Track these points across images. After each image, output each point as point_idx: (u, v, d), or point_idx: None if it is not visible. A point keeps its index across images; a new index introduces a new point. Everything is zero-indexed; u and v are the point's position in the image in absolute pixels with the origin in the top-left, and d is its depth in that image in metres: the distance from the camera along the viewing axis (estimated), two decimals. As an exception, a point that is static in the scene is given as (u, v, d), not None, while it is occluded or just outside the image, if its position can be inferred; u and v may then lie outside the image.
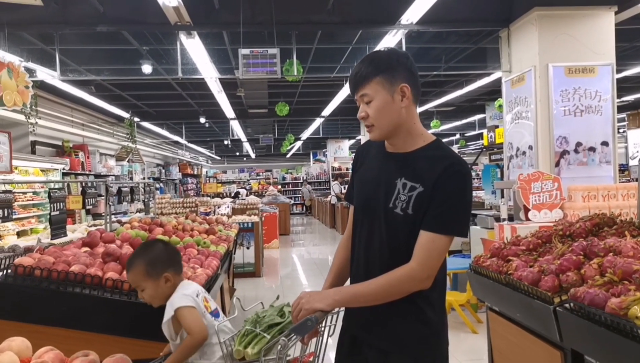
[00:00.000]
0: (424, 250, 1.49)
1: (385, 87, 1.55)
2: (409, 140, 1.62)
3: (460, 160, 1.57)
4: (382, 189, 1.60)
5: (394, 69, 1.56)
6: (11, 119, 8.33)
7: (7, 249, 3.28)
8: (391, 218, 1.56)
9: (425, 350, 1.58)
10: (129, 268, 1.97)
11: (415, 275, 1.49)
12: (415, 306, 1.56)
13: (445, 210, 1.50)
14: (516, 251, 2.96)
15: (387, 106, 1.56)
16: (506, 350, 3.03)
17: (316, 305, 1.46)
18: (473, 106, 13.45)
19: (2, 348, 1.38)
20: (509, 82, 6.17)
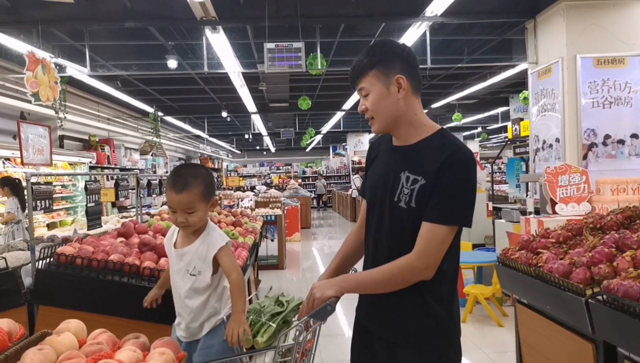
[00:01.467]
0: (422, 240, 1.49)
1: (380, 80, 1.55)
2: (412, 132, 1.60)
3: (462, 148, 1.54)
4: (389, 183, 1.60)
5: (388, 60, 1.55)
6: (41, 114, 8.55)
7: (46, 239, 3.40)
8: (396, 212, 1.57)
9: (430, 343, 1.57)
10: (186, 187, 1.80)
11: (413, 265, 1.49)
12: (421, 299, 1.55)
13: (445, 200, 1.48)
14: (546, 243, 2.95)
15: (383, 98, 1.56)
16: (534, 343, 3.03)
17: (328, 292, 1.52)
18: (496, 98, 13.28)
19: (60, 330, 1.46)
20: (535, 74, 6.09)
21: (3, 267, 2.69)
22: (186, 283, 1.90)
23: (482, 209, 8.66)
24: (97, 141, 11.61)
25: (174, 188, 1.80)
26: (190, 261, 1.89)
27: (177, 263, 1.92)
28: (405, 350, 1.58)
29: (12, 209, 6.12)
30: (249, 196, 9.95)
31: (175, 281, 1.94)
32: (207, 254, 1.89)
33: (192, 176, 1.83)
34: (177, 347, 1.48)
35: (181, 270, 1.91)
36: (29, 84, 5.40)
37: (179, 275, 1.92)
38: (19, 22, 5.88)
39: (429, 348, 1.57)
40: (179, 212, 1.82)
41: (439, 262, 1.50)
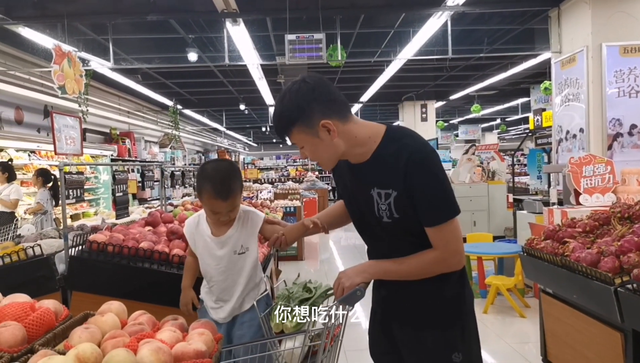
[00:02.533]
0: (441, 241, 1.53)
1: (307, 133, 1.50)
2: (361, 150, 1.56)
3: (414, 145, 1.51)
4: (364, 203, 1.61)
5: (303, 112, 1.47)
6: (64, 107, 8.71)
7: (76, 227, 3.49)
8: (385, 225, 1.58)
9: (453, 320, 1.62)
10: (230, 193, 1.87)
11: (444, 260, 1.55)
12: (438, 281, 1.60)
13: (431, 203, 1.50)
14: (572, 233, 2.94)
15: (318, 146, 1.52)
16: (560, 332, 3.02)
17: (356, 279, 1.56)
18: (516, 89, 13.09)
19: (103, 311, 1.51)
20: (559, 63, 6.00)
21: (38, 254, 2.77)
22: (235, 264, 1.98)
23: (502, 201, 8.60)
24: (118, 134, 11.79)
25: (219, 196, 1.86)
26: (236, 243, 1.97)
27: (220, 249, 1.99)
28: (429, 333, 1.62)
29: (42, 200, 6.27)
30: (267, 188, 10.02)
31: (219, 266, 1.99)
32: (253, 229, 2.01)
33: (231, 179, 1.90)
34: (214, 328, 1.52)
35: (226, 254, 1.98)
36: (56, 77, 5.51)
37: (223, 260, 1.98)
38: (44, 16, 5.99)
39: (452, 326, 1.62)
40: (224, 213, 1.92)
41: (462, 249, 1.57)
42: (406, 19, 7.15)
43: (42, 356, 1.17)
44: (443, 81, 11.87)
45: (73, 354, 1.17)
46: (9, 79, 7.30)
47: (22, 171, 8.05)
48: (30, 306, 1.44)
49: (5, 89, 7.22)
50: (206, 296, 2.10)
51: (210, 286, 2.04)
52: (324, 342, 1.47)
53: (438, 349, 1.61)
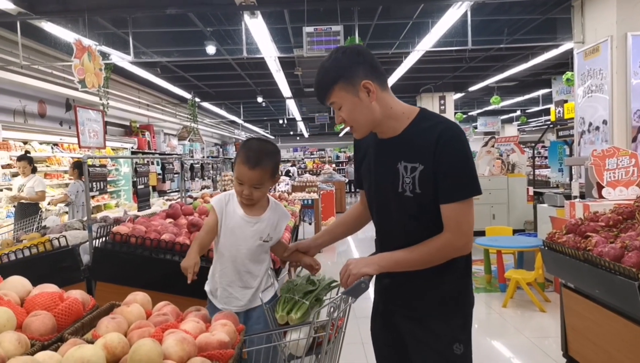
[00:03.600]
0: (453, 221, 1.55)
1: (348, 91, 1.55)
2: (393, 124, 1.62)
3: (448, 123, 1.58)
4: (388, 176, 1.63)
5: (349, 70, 1.55)
6: (85, 101, 8.86)
7: (99, 219, 3.56)
8: (404, 201, 1.60)
9: (455, 312, 1.66)
10: (259, 163, 1.82)
11: (454, 244, 1.58)
12: (445, 273, 1.63)
13: (454, 179, 1.54)
14: (595, 227, 2.89)
15: (356, 107, 1.57)
16: (581, 327, 2.99)
17: (364, 269, 1.58)
18: (537, 80, 12.86)
19: (129, 301, 1.54)
20: (582, 53, 5.87)
21: (64, 245, 2.83)
22: (259, 250, 1.95)
23: (522, 194, 8.51)
24: (138, 126, 11.94)
25: (247, 163, 1.82)
26: (264, 229, 1.94)
27: (251, 230, 1.93)
28: (433, 323, 1.65)
29: (72, 192, 6.39)
30: (285, 180, 10.06)
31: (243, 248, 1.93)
32: (280, 223, 1.99)
33: (265, 153, 1.85)
34: (236, 319, 1.55)
35: (255, 238, 1.93)
36: (77, 71, 5.60)
37: (250, 243, 1.92)
38: (66, 11, 6.08)
39: (455, 316, 1.66)
40: (247, 186, 1.85)
41: (472, 234, 1.60)
42: (425, 10, 7.06)
43: (72, 345, 1.20)
44: (462, 72, 11.72)
45: (101, 343, 1.21)
46: (33, 73, 7.44)
47: (46, 163, 8.23)
48: (59, 296, 1.48)
49: (29, 83, 7.37)
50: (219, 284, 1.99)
51: (225, 267, 1.95)
52: (329, 333, 1.49)
53: (441, 340, 1.63)
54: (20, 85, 7.42)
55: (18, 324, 1.32)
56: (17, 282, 1.57)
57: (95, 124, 5.55)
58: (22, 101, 7.97)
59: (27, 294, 1.53)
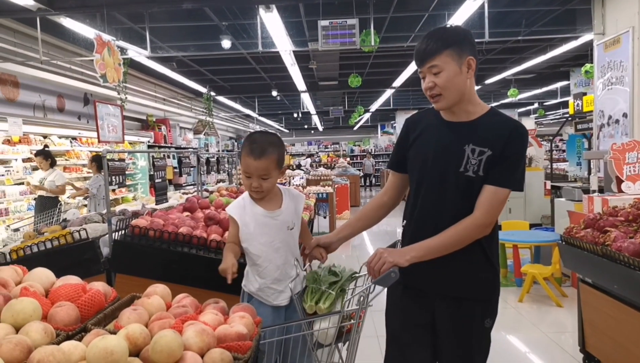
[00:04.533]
0: (487, 201, 1.68)
1: (454, 59, 1.69)
2: (471, 109, 1.77)
3: (521, 123, 1.75)
4: (451, 155, 1.74)
5: (462, 42, 1.70)
6: (103, 95, 8.98)
7: (118, 212, 3.62)
8: (463, 181, 1.71)
9: (490, 294, 1.81)
10: (263, 153, 1.85)
11: (479, 223, 1.68)
12: (482, 256, 1.76)
13: (509, 167, 1.69)
14: (614, 222, 2.86)
15: (456, 76, 1.69)
16: (599, 323, 2.96)
17: (398, 260, 1.65)
18: (555, 72, 12.66)
19: (149, 293, 1.58)
20: (602, 45, 5.77)
21: (84, 238, 2.89)
22: (289, 240, 1.95)
23: (539, 188, 8.40)
24: (154, 121, 12.06)
25: (252, 154, 1.85)
26: (287, 218, 1.95)
27: (275, 224, 1.93)
28: (469, 304, 1.77)
29: (93, 186, 6.50)
30: (299, 174, 10.09)
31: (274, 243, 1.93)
32: (297, 207, 2.02)
33: (268, 143, 1.88)
34: (254, 311, 1.57)
35: (281, 230, 1.94)
36: (98, 66, 5.67)
37: (279, 236, 1.93)
38: (85, 6, 6.15)
39: (489, 298, 1.80)
40: (254, 177, 1.87)
41: (496, 219, 1.72)
42: (441, 2, 6.99)
43: (95, 335, 1.24)
44: (479, 64, 11.46)
45: (123, 334, 1.24)
46: (52, 68, 7.56)
47: (65, 157, 8.37)
48: (82, 287, 1.52)
49: (49, 78, 7.49)
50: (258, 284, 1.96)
51: (264, 267, 1.93)
52: (358, 321, 1.51)
53: (475, 317, 1.77)
54: (40, 80, 7.55)
55: (43, 314, 1.35)
56: (42, 274, 1.61)
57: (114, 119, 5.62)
58: (41, 95, 8.11)
59: (51, 285, 1.58)
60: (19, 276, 1.61)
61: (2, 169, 6.88)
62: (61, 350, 1.14)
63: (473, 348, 1.81)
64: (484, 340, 1.83)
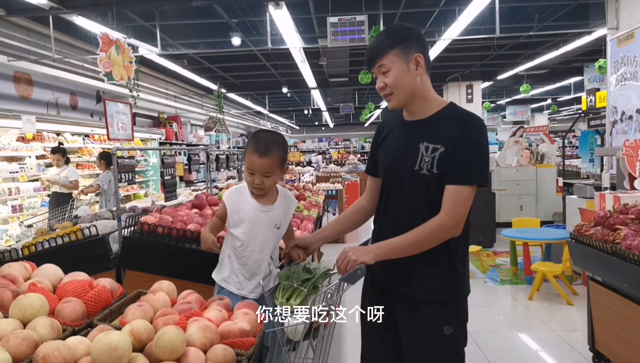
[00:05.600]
0: (450, 201, 1.64)
1: (401, 58, 1.69)
2: (425, 106, 1.75)
3: (475, 116, 1.72)
4: (407, 154, 1.74)
5: (407, 41, 1.70)
6: (115, 93, 9.06)
7: (128, 209, 3.66)
8: (419, 179, 1.70)
9: (451, 297, 1.74)
10: (268, 152, 1.89)
11: (445, 224, 1.65)
12: (445, 257, 1.71)
13: (465, 163, 1.64)
14: (624, 219, 2.83)
15: (403, 74, 1.70)
16: (609, 321, 2.94)
17: (363, 258, 1.65)
18: (568, 68, 12.50)
19: (154, 289, 1.60)
20: (615, 40, 5.67)
21: (94, 234, 2.93)
22: (272, 238, 2.01)
23: (551, 185, 8.32)
24: (165, 118, 12.14)
25: (257, 152, 1.89)
26: (277, 217, 2.00)
27: (265, 219, 1.98)
28: (429, 306, 1.73)
29: (103, 182, 6.58)
30: (309, 171, 10.10)
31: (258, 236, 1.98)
32: (288, 209, 2.06)
33: (273, 142, 1.93)
34: (257, 308, 1.58)
35: (269, 225, 1.99)
36: (102, 64, 5.73)
37: (265, 231, 1.98)
38: (96, 4, 6.21)
39: (450, 301, 1.74)
40: (257, 175, 1.91)
41: (465, 219, 1.68)
42: (453, -4, 6.94)
43: (100, 330, 1.26)
44: (490, 60, 11.48)
45: (128, 330, 1.26)
46: (65, 66, 7.64)
47: (77, 154, 8.47)
48: (88, 284, 1.54)
49: (61, 75, 7.58)
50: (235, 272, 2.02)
51: (243, 256, 1.99)
52: (327, 318, 1.53)
53: (433, 322, 1.72)
54: (53, 78, 7.64)
55: (50, 310, 1.38)
56: (50, 270, 1.64)
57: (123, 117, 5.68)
58: (54, 93, 8.21)
59: (59, 281, 1.60)
60: (28, 272, 1.64)
61: (16, 166, 6.98)
62: (66, 345, 1.16)
63: (430, 356, 1.73)
64: (444, 350, 1.73)
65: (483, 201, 7.01)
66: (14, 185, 6.84)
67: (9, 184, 6.77)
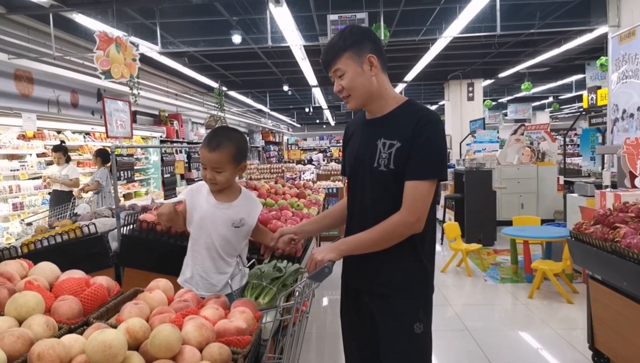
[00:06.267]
0: (410, 197, 1.66)
1: (355, 60, 1.70)
2: (383, 104, 1.77)
3: (430, 111, 1.74)
4: (367, 152, 1.76)
5: (360, 42, 1.71)
6: (116, 91, 9.05)
7: (127, 207, 3.66)
8: (377, 176, 1.72)
9: (418, 293, 1.76)
10: (218, 146, 1.91)
11: (406, 220, 1.66)
12: (410, 253, 1.73)
13: (422, 158, 1.66)
14: (624, 218, 2.82)
15: (358, 76, 1.71)
16: (608, 320, 2.93)
17: (328, 256, 1.68)
18: (570, 66, 12.47)
19: (151, 287, 1.60)
20: (617, 38, 5.65)
21: (93, 232, 2.93)
22: (230, 235, 2.00)
23: (552, 183, 8.31)
24: (166, 116, 12.14)
25: (208, 146, 1.93)
26: (236, 215, 2.00)
27: (221, 216, 1.99)
28: (397, 301, 1.74)
29: (102, 178, 6.59)
30: (310, 169, 10.10)
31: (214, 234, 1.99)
32: (252, 210, 2.07)
33: (226, 138, 1.95)
34: (254, 306, 1.58)
35: (225, 221, 1.99)
36: (99, 62, 5.73)
37: (221, 228, 1.99)
38: (96, 2, 6.21)
39: (417, 297, 1.75)
40: (209, 169, 1.95)
41: (426, 214, 1.68)
42: (454, -6, 6.92)
43: (96, 329, 1.26)
44: (491, 58, 11.46)
45: (124, 328, 1.26)
46: (65, 64, 7.64)
47: (78, 152, 8.47)
48: (85, 282, 1.54)
49: (62, 73, 7.58)
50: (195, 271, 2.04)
51: (199, 253, 2.01)
52: (294, 316, 1.53)
53: (403, 318, 1.73)
54: (54, 76, 7.64)
55: (47, 308, 1.38)
56: (47, 268, 1.64)
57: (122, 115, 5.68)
58: (55, 91, 8.21)
59: (56, 279, 1.60)
60: (25, 270, 1.64)
61: (17, 164, 6.99)
62: (61, 343, 1.16)
63: (402, 355, 1.73)
64: (416, 349, 1.74)
65: (484, 199, 7.01)
66: (15, 183, 6.85)
67: (10, 182, 6.78)
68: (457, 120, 13.81)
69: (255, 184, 4.77)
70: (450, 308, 4.58)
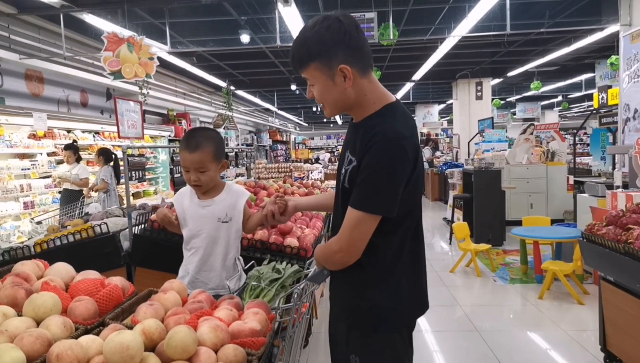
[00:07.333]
0: (347, 225, 1.44)
1: (323, 72, 1.43)
2: (361, 111, 1.51)
3: (384, 128, 1.40)
4: (341, 162, 1.57)
5: (328, 51, 1.40)
6: (125, 90, 9.11)
7: (138, 206, 3.68)
8: (340, 191, 1.55)
9: (361, 323, 1.52)
10: (198, 147, 1.91)
11: (330, 247, 1.50)
12: (354, 282, 1.52)
13: (359, 185, 1.42)
14: (637, 219, 2.80)
15: (329, 89, 1.45)
16: (620, 322, 2.91)
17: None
18: (580, 64, 12.37)
19: (165, 288, 1.61)
20: (628, 37, 5.60)
21: (105, 232, 2.95)
22: (217, 231, 2.01)
23: (562, 183, 8.26)
24: (175, 115, 12.19)
25: (187, 148, 1.93)
26: (220, 210, 2.01)
27: (205, 213, 2.01)
28: (341, 327, 1.58)
29: (107, 177, 6.64)
30: (318, 168, 10.10)
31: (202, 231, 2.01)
32: (237, 202, 2.05)
33: (203, 137, 1.95)
34: (268, 308, 1.58)
35: (210, 217, 2.00)
36: (107, 63, 5.77)
37: (207, 226, 2.01)
38: (106, 2, 6.24)
39: (360, 327, 1.53)
40: (192, 171, 1.96)
41: (355, 246, 1.44)
42: (461, -7, 6.89)
43: (112, 330, 1.27)
44: (500, 57, 11.39)
45: (140, 329, 1.27)
46: (75, 64, 7.70)
47: (88, 151, 8.53)
48: (100, 282, 1.55)
49: (72, 73, 7.64)
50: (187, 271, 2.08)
51: (192, 253, 2.05)
52: (293, 318, 1.53)
53: (342, 345, 1.58)
54: (64, 75, 7.70)
55: (63, 308, 1.39)
56: (62, 268, 1.65)
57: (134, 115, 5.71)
58: (65, 90, 8.28)
59: (71, 280, 1.62)
60: (41, 270, 1.65)
61: (27, 163, 7.05)
62: (79, 344, 1.17)
63: None
64: None
65: (492, 199, 6.98)
66: (26, 182, 6.91)
67: (21, 181, 6.84)
68: (466, 119, 13.76)
69: (264, 184, 4.77)
70: (460, 308, 4.56)
